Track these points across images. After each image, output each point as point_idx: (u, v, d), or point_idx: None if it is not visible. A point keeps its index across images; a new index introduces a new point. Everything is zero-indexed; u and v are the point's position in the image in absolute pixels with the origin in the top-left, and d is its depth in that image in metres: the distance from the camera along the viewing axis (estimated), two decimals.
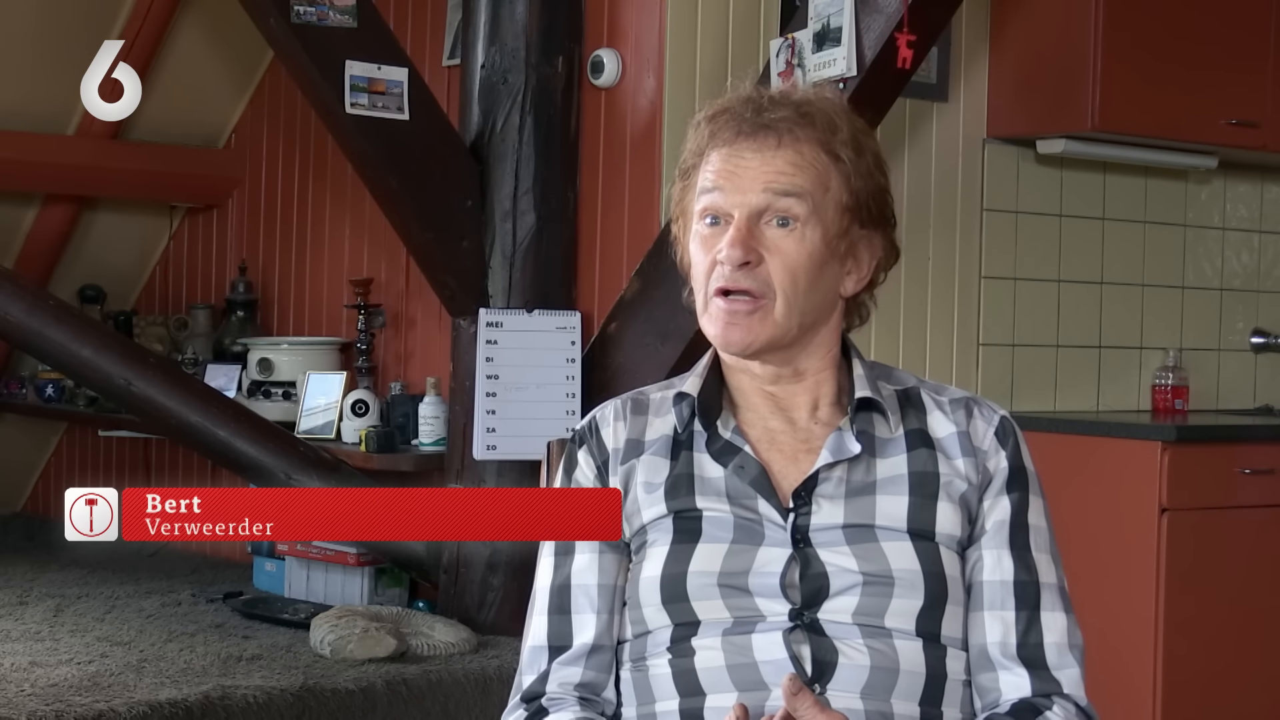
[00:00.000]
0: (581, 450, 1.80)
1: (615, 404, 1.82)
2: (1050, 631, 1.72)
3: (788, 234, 1.71)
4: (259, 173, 5.25)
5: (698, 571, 1.69)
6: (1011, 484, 1.75)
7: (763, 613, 1.68)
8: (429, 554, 4.12)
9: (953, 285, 4.37)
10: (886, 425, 1.76)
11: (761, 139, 1.72)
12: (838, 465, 1.72)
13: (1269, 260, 5.07)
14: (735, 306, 1.72)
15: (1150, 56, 4.29)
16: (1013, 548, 1.73)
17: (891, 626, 1.68)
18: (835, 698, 1.65)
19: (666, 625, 1.71)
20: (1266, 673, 4.20)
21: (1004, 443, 1.76)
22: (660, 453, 1.76)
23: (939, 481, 1.73)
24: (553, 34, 3.95)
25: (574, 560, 1.76)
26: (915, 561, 1.69)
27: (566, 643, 1.75)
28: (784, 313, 1.72)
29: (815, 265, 1.72)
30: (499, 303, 3.95)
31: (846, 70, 3.44)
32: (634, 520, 1.75)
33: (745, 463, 1.73)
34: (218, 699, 3.24)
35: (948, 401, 1.79)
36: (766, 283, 1.71)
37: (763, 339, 1.72)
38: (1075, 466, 4.01)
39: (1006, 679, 1.71)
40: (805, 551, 1.69)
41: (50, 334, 4.16)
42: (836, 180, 1.73)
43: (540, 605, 1.78)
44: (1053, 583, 1.74)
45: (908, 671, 1.68)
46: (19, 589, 4.49)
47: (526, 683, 1.77)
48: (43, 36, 4.89)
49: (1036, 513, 1.76)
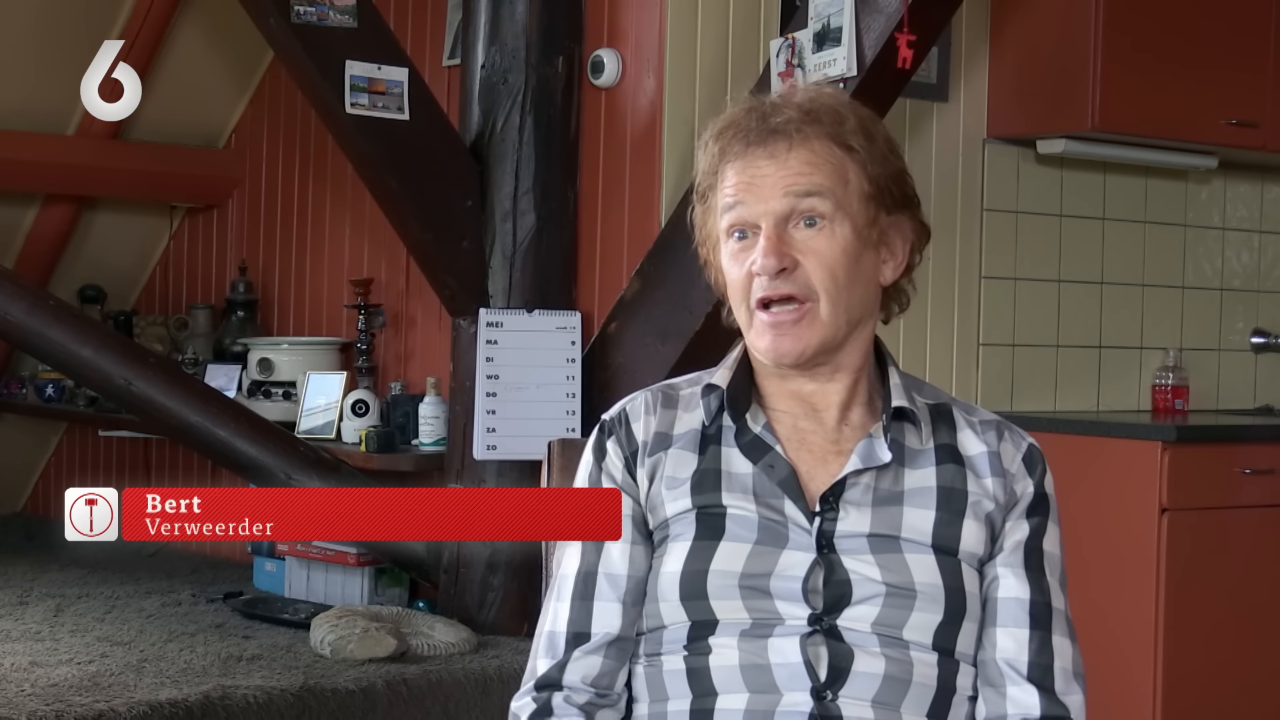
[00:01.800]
0: (610, 440, 1.78)
1: (645, 396, 1.80)
2: (1060, 656, 1.72)
3: (817, 233, 1.70)
4: (259, 173, 5.25)
5: (719, 571, 1.69)
6: (1034, 509, 1.76)
7: (781, 616, 1.67)
8: (429, 554, 4.12)
9: (953, 285, 4.37)
10: (918, 436, 1.76)
11: (773, 144, 1.71)
12: (866, 472, 1.72)
13: (1269, 260, 5.06)
14: (780, 318, 1.70)
15: (1150, 56, 4.28)
16: (1028, 569, 1.74)
17: (910, 639, 1.68)
18: (846, 704, 1.66)
19: (683, 622, 1.70)
20: (1266, 673, 4.20)
21: (1031, 469, 1.77)
22: (688, 446, 1.75)
23: (967, 499, 1.73)
24: (553, 34, 3.95)
25: (603, 549, 1.74)
26: (937, 575, 1.69)
27: (588, 630, 1.73)
28: (830, 312, 1.71)
29: (851, 259, 1.71)
30: (499, 303, 3.95)
31: (846, 70, 3.44)
32: (658, 513, 1.74)
33: (775, 462, 1.72)
34: (218, 699, 3.24)
35: (979, 422, 1.79)
36: (807, 285, 1.70)
37: (814, 344, 1.71)
38: (1075, 466, 4.01)
39: (1015, 695, 1.71)
40: (829, 557, 1.68)
41: (50, 334, 4.16)
42: (854, 171, 1.72)
43: (564, 591, 1.76)
44: (1061, 609, 1.75)
45: (919, 684, 1.68)
46: (19, 589, 4.48)
47: (542, 669, 1.74)
48: (43, 36, 4.89)
49: (1052, 541, 1.76)
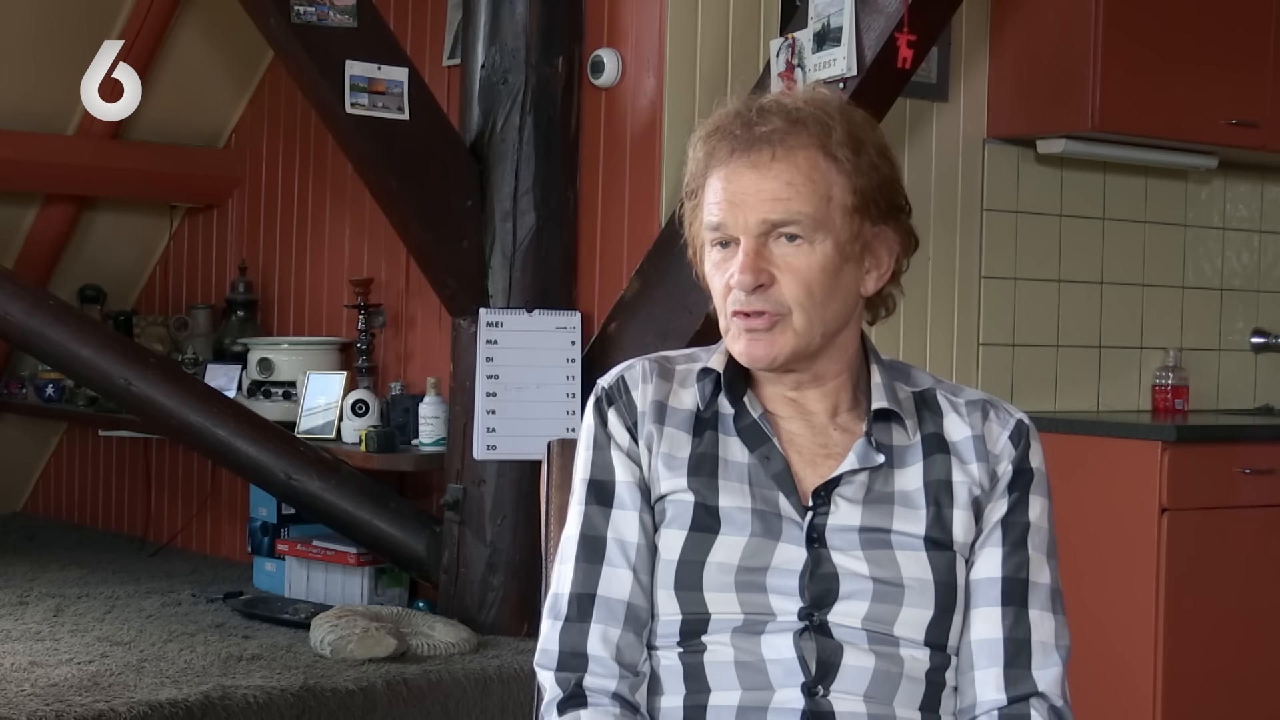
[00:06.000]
0: (612, 410, 1.77)
1: (643, 365, 1.80)
2: (1038, 629, 1.71)
3: (797, 249, 1.70)
4: (259, 173, 5.25)
5: (715, 563, 1.69)
6: (1014, 484, 1.75)
7: (774, 611, 1.68)
8: (429, 554, 4.12)
9: (953, 285, 4.37)
10: (904, 432, 1.76)
11: (756, 154, 1.70)
12: (860, 472, 1.72)
13: (1269, 260, 5.06)
14: (754, 324, 1.71)
15: (1150, 56, 4.28)
16: (1005, 544, 1.73)
17: (900, 635, 1.68)
18: (838, 699, 1.66)
19: (676, 614, 1.71)
20: (1266, 673, 4.20)
21: (1016, 445, 1.76)
22: (683, 427, 1.75)
23: (954, 489, 1.73)
24: (553, 34, 3.95)
25: (610, 515, 1.74)
26: (928, 571, 1.69)
27: (594, 591, 1.71)
28: (804, 325, 1.71)
29: (829, 275, 1.71)
30: (499, 303, 3.95)
31: (846, 70, 3.45)
32: (655, 487, 1.74)
33: (771, 454, 1.73)
34: (218, 699, 3.25)
35: (964, 403, 1.79)
36: (780, 301, 1.70)
37: (786, 351, 1.72)
38: (1075, 466, 4.01)
39: (982, 678, 1.70)
40: (818, 551, 1.69)
41: (50, 334, 4.17)
42: (839, 184, 1.71)
43: (567, 553, 1.74)
44: (1044, 583, 1.73)
45: (910, 678, 1.68)
46: (19, 589, 4.49)
47: (558, 634, 1.71)
48: (43, 36, 4.89)
49: (1037, 512, 1.75)
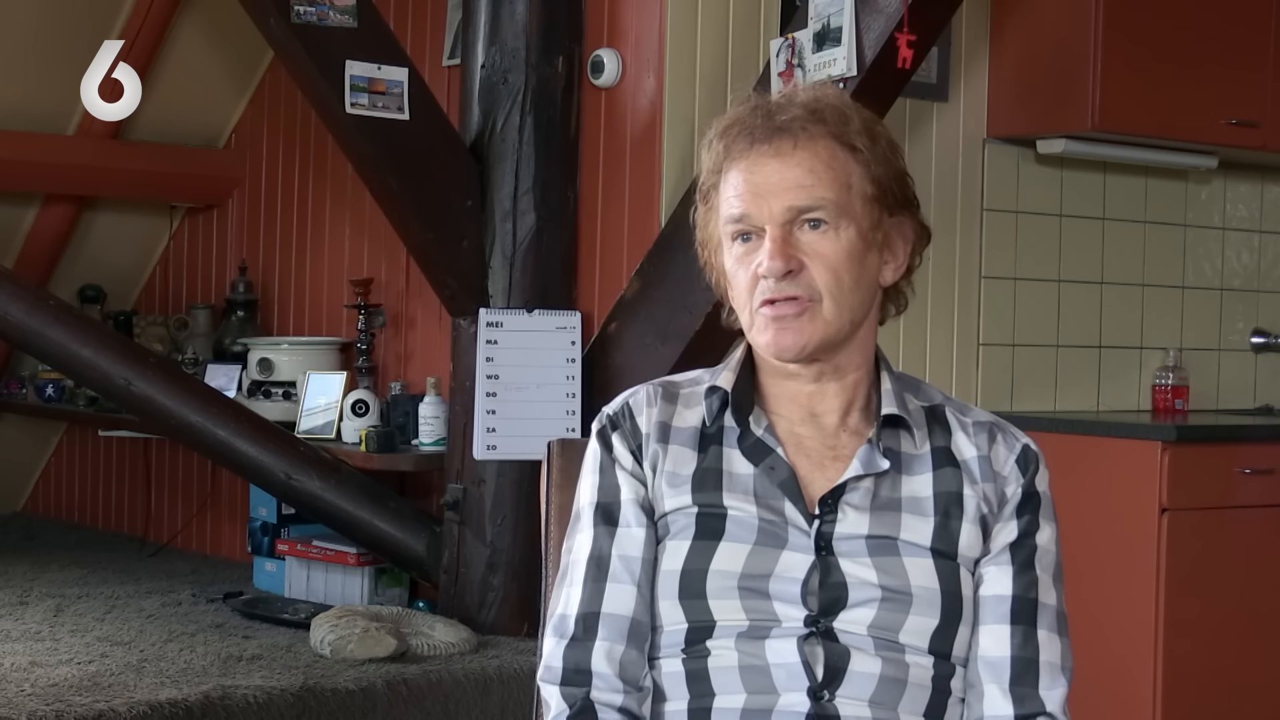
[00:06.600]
0: (616, 434, 1.78)
1: (647, 390, 1.81)
2: (1045, 650, 1.72)
3: (822, 235, 1.71)
4: (259, 173, 5.25)
5: (718, 570, 1.69)
6: (1022, 508, 1.76)
7: (779, 617, 1.68)
8: (429, 554, 4.12)
9: (953, 285, 4.36)
10: (912, 441, 1.76)
11: (777, 142, 1.72)
12: (866, 477, 1.72)
13: (1269, 260, 5.06)
14: (783, 311, 1.71)
15: (1150, 56, 4.28)
16: (1014, 565, 1.74)
17: (906, 643, 1.69)
18: (844, 705, 1.66)
19: (680, 623, 1.71)
20: (1267, 673, 4.19)
21: (1024, 470, 1.77)
22: (687, 444, 1.76)
23: (964, 502, 1.73)
24: (553, 34, 3.95)
25: (616, 534, 1.75)
26: (935, 580, 1.70)
27: (599, 610, 1.72)
28: (834, 312, 1.71)
29: (855, 262, 1.72)
30: (499, 303, 3.95)
31: (846, 70, 3.44)
32: (657, 506, 1.75)
33: (776, 464, 1.73)
34: (218, 699, 3.25)
35: (971, 424, 1.79)
36: (811, 287, 1.71)
37: (816, 339, 1.72)
38: (1075, 466, 4.01)
39: (990, 694, 1.71)
40: (826, 559, 1.69)
41: (50, 334, 4.17)
42: (857, 173, 1.73)
43: (575, 577, 1.75)
44: (1051, 605, 1.74)
45: (915, 685, 1.69)
46: (19, 589, 4.49)
47: (562, 651, 1.72)
48: (43, 36, 4.89)
49: (1045, 536, 1.76)
